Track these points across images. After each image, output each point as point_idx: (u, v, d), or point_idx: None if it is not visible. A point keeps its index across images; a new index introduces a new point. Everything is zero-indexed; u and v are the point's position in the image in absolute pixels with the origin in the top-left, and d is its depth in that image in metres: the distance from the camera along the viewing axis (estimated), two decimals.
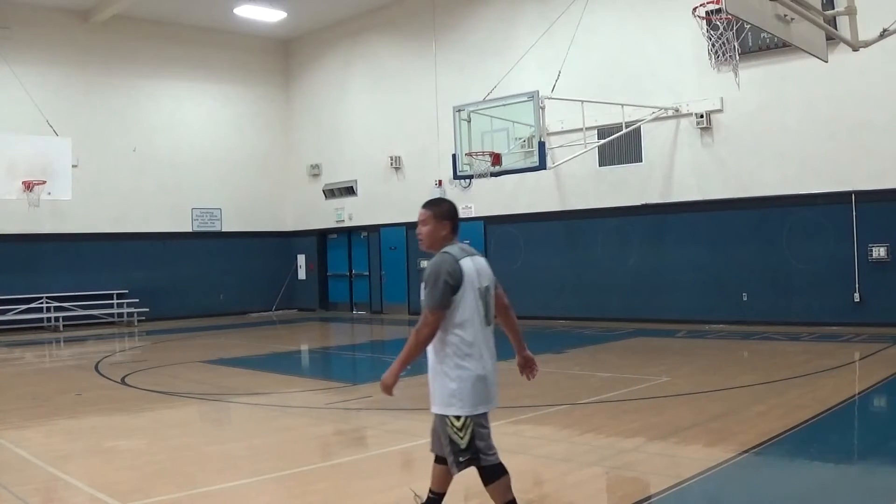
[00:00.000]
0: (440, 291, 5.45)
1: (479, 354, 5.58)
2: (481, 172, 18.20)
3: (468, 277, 5.53)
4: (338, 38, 29.01)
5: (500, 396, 5.77)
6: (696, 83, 19.52)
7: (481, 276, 5.65)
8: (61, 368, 16.85)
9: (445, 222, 5.72)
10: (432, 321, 5.49)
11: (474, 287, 5.57)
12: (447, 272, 5.46)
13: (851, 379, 12.35)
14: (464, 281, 5.51)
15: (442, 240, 5.71)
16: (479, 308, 5.58)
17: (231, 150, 29.38)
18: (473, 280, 5.57)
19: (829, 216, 17.83)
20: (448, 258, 5.54)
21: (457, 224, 5.78)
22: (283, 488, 7.40)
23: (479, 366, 5.58)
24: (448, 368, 5.63)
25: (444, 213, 5.74)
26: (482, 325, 5.61)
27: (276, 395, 12.33)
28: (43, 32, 25.18)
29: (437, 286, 5.46)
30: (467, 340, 5.55)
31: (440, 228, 5.71)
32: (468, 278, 5.53)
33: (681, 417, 9.53)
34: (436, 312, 5.47)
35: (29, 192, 20.67)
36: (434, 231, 5.72)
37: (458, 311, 5.52)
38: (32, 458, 8.23)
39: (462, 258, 5.56)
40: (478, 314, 5.57)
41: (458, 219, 5.82)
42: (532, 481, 7.26)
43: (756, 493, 6.77)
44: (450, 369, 5.62)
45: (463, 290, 5.51)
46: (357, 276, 29.09)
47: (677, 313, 19.86)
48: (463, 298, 5.51)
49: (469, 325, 5.54)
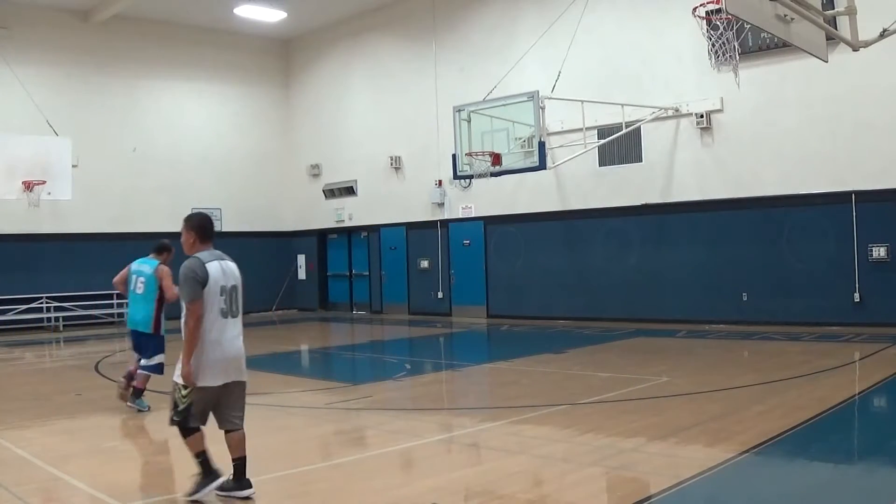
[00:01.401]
0: (190, 287, 6.67)
1: (217, 340, 6.75)
2: (481, 172, 18.21)
3: (213, 277, 6.75)
4: (338, 38, 29.01)
5: (244, 374, 7.01)
6: (696, 83, 19.52)
7: (227, 276, 6.90)
8: (61, 368, 16.86)
9: (192, 232, 7.00)
10: (194, 310, 6.67)
11: (219, 285, 6.79)
12: (193, 271, 6.69)
13: (851, 379, 12.35)
14: (209, 279, 6.72)
15: (191, 246, 6.99)
16: (220, 302, 6.80)
17: (231, 150, 29.39)
18: (219, 279, 6.80)
19: (829, 216, 17.83)
20: (196, 261, 6.77)
21: (206, 234, 7.03)
22: (284, 488, 7.40)
23: (210, 349, 6.72)
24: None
25: (192, 225, 7.03)
26: (222, 316, 6.81)
27: (276, 395, 12.33)
28: (43, 32, 25.16)
29: (187, 283, 6.68)
30: (208, 328, 6.72)
31: (189, 237, 7.00)
32: (213, 278, 6.75)
33: (681, 417, 9.53)
34: (193, 303, 6.67)
35: (29, 192, 20.67)
36: (185, 239, 7.03)
37: (206, 303, 6.72)
38: (32, 458, 8.24)
39: (209, 261, 6.81)
40: (219, 307, 6.79)
41: (209, 229, 7.08)
42: (532, 481, 7.27)
43: (756, 493, 6.77)
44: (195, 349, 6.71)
45: (209, 287, 6.71)
46: (357, 276, 29.10)
47: (677, 313, 19.86)
48: (208, 294, 6.71)
49: (210, 315, 6.74)
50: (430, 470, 7.94)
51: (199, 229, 7.02)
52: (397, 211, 26.80)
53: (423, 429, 9.74)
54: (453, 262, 25.10)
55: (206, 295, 6.70)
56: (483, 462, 8.23)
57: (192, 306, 6.66)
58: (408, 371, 14.96)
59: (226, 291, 6.84)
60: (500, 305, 23.92)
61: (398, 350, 19.35)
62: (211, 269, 6.76)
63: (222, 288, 6.81)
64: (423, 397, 12.49)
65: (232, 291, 6.91)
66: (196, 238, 6.99)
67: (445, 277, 25.33)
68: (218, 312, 6.78)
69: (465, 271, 24.84)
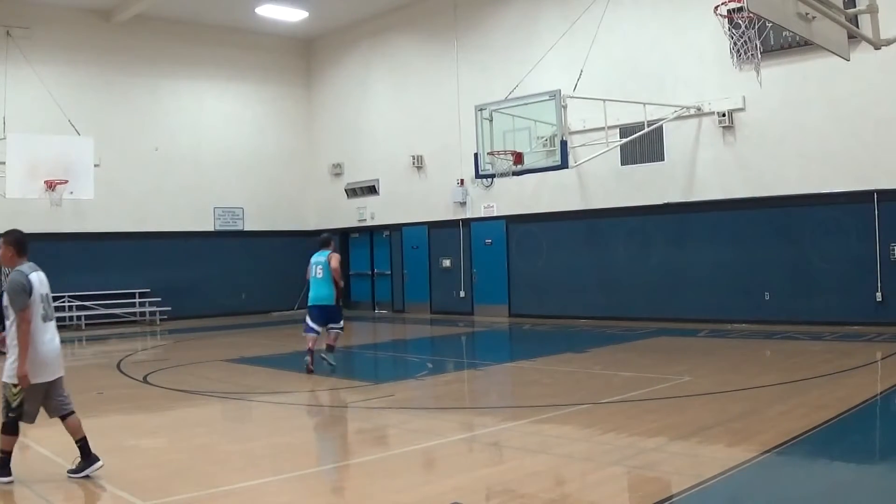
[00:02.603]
0: (20, 297, 7.35)
1: (41, 341, 7.47)
2: (503, 171, 18.21)
3: (35, 287, 7.50)
4: (359, 38, 29.06)
5: (63, 369, 7.73)
6: (717, 82, 19.44)
7: (42, 285, 7.67)
8: (83, 367, 16.93)
9: (11, 247, 7.71)
10: (25, 317, 7.33)
11: (39, 293, 7.55)
12: (21, 284, 7.40)
13: (874, 378, 12.29)
14: (34, 289, 7.46)
15: (10, 260, 7.70)
16: (41, 308, 7.55)
17: (253, 150, 29.48)
18: (38, 288, 7.55)
19: (851, 215, 17.72)
20: (20, 274, 7.48)
21: (23, 248, 7.74)
22: (305, 487, 7.42)
23: (36, 350, 7.40)
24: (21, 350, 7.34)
25: (10, 240, 7.72)
26: (43, 321, 7.54)
27: (298, 394, 12.38)
28: (65, 32, 25.32)
29: (17, 294, 7.35)
30: (34, 332, 7.41)
31: (8, 251, 7.71)
32: (35, 287, 7.50)
33: (702, 417, 9.50)
34: (24, 311, 7.34)
35: (51, 191, 20.78)
36: (3, 253, 7.74)
37: (31, 311, 7.41)
38: (54, 456, 8.28)
39: (30, 273, 7.55)
40: (41, 313, 7.53)
41: (25, 244, 7.76)
42: (554, 480, 7.26)
43: (778, 493, 6.75)
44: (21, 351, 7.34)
45: (33, 296, 7.44)
46: (379, 275, 29.14)
47: (699, 312, 19.78)
48: (33, 302, 7.43)
49: (36, 320, 7.44)
50: (452, 469, 7.94)
51: (16, 244, 7.76)
52: (419, 210, 26.81)
53: (444, 428, 9.74)
54: (475, 261, 25.09)
55: (32, 303, 7.45)
56: (504, 461, 8.22)
57: (23, 314, 7.35)
58: (429, 370, 14.95)
59: (45, 299, 7.66)
60: (522, 305, 23.90)
61: (420, 349, 19.36)
62: (33, 280, 7.54)
63: (42, 296, 7.61)
64: (445, 396, 12.49)
65: (47, 298, 7.74)
66: (14, 252, 7.73)
67: (467, 276, 25.32)
68: (41, 318, 7.54)
69: (487, 270, 24.83)
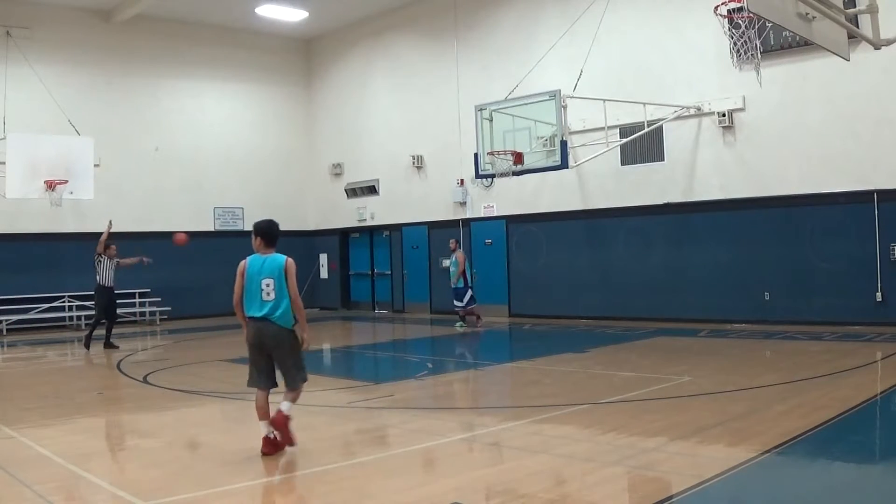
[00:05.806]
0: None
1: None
2: (503, 171, 18.23)
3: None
4: (359, 38, 29.07)
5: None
6: (717, 82, 19.45)
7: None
8: (83, 367, 16.93)
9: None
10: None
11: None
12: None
13: (874, 378, 12.29)
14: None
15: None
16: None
17: (253, 150, 29.50)
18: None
19: (851, 215, 17.73)
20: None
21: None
22: (305, 487, 7.42)
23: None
24: None
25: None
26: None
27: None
28: (65, 32, 25.34)
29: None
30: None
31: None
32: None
33: (703, 417, 9.49)
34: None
35: (51, 191, 20.80)
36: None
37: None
38: (54, 456, 8.27)
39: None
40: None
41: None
42: (554, 480, 7.26)
43: (778, 493, 6.74)
44: None
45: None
46: (379, 275, 29.16)
47: (699, 312, 19.79)
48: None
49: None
50: (452, 469, 7.94)
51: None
52: (419, 210, 26.83)
53: (444, 428, 9.73)
54: (475, 261, 25.08)
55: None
56: (505, 461, 8.22)
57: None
58: (429, 370, 14.96)
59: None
60: (522, 304, 23.91)
61: (420, 349, 19.36)
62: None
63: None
64: (445, 396, 12.50)
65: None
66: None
67: (468, 276, 25.30)
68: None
69: (487, 270, 24.82)
